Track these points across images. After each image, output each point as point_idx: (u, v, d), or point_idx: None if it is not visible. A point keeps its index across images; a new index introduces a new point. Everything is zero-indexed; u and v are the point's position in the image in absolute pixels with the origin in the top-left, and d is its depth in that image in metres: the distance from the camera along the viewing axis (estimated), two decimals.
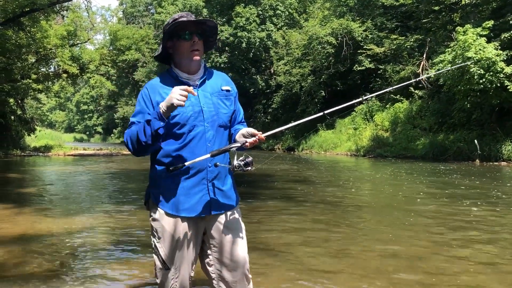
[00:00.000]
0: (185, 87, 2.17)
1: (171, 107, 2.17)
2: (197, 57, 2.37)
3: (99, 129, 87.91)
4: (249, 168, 2.33)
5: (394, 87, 3.37)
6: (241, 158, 2.33)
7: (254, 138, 2.33)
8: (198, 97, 2.37)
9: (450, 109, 22.00)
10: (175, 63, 2.44)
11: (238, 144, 2.32)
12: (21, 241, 5.19)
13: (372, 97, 3.09)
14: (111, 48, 31.86)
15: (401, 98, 26.63)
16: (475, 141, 19.20)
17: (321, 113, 2.70)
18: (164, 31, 2.38)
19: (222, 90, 2.47)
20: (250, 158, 2.34)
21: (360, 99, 2.92)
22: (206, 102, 2.38)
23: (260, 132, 2.37)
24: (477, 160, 19.01)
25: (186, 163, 2.25)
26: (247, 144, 2.32)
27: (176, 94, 2.15)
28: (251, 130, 2.36)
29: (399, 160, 21.30)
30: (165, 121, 2.21)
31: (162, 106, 2.19)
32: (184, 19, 2.34)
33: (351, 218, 6.79)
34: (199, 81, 2.41)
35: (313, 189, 10.42)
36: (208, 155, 2.29)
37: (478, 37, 17.94)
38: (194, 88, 2.37)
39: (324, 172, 15.24)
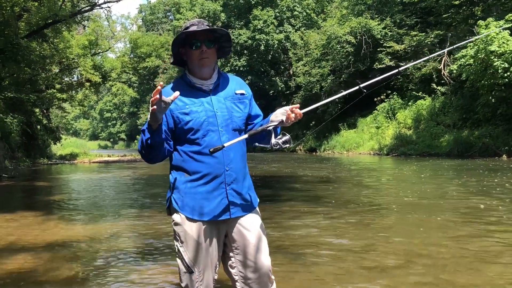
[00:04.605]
0: (156, 89, 2.12)
1: (152, 115, 2.17)
2: (206, 65, 2.39)
3: (122, 135, 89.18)
4: (287, 145, 2.31)
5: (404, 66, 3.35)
6: (279, 137, 2.33)
7: (290, 113, 2.30)
8: (212, 102, 2.40)
9: (474, 104, 21.59)
10: (188, 70, 2.47)
11: (275, 123, 2.32)
12: (50, 247, 5.30)
13: (409, 66, 3.10)
14: (131, 55, 32.41)
15: (424, 95, 26.26)
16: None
17: (357, 87, 2.72)
18: (174, 40, 2.41)
19: (236, 94, 2.48)
20: (288, 136, 2.32)
21: (397, 70, 2.90)
22: (220, 107, 2.40)
23: (297, 105, 2.33)
24: (504, 156, 18.59)
25: (225, 144, 2.26)
26: (283, 121, 2.31)
27: (151, 101, 2.14)
28: (287, 107, 2.34)
29: (423, 158, 20.99)
30: (153, 131, 2.23)
31: (148, 117, 2.22)
32: (195, 27, 2.35)
33: (377, 218, 6.71)
34: (212, 86, 2.44)
35: (336, 189, 10.36)
36: (246, 136, 2.32)
37: (501, 30, 17.56)
38: (207, 93, 2.41)
39: (347, 172, 15.13)
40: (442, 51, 3.44)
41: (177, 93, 2.19)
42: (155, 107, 2.12)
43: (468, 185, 10.13)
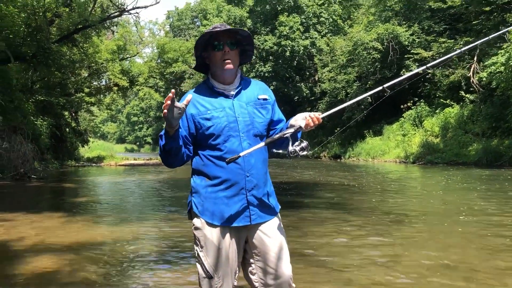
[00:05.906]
0: (168, 96, 2.13)
1: (165, 120, 2.17)
2: (229, 66, 2.37)
3: (148, 139, 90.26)
4: (305, 152, 2.29)
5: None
6: (296, 144, 2.30)
7: (309, 119, 2.30)
8: (233, 107, 2.38)
9: (504, 113, 21.03)
10: (211, 74, 2.47)
11: (292, 130, 2.30)
12: (74, 248, 5.38)
13: (435, 64, 3.00)
14: (159, 60, 32.79)
15: (452, 103, 25.73)
16: None
17: (380, 87, 2.68)
18: (197, 43, 2.41)
19: (259, 99, 2.46)
20: (306, 143, 2.30)
21: (424, 67, 2.87)
22: (242, 112, 2.38)
23: (318, 113, 2.33)
24: None
25: (241, 154, 2.25)
26: (302, 127, 2.30)
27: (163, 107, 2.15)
28: (308, 113, 2.34)
29: (451, 167, 20.53)
30: (170, 137, 2.23)
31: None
32: (218, 29, 2.36)
33: (402, 228, 6.58)
34: (235, 91, 2.42)
35: (361, 197, 10.22)
36: (263, 144, 2.31)
37: None
38: (229, 98, 2.40)
39: (373, 180, 14.92)
40: (476, 43, 3.28)
41: (190, 96, 2.20)
42: (165, 111, 2.13)
43: (497, 196, 9.80)
